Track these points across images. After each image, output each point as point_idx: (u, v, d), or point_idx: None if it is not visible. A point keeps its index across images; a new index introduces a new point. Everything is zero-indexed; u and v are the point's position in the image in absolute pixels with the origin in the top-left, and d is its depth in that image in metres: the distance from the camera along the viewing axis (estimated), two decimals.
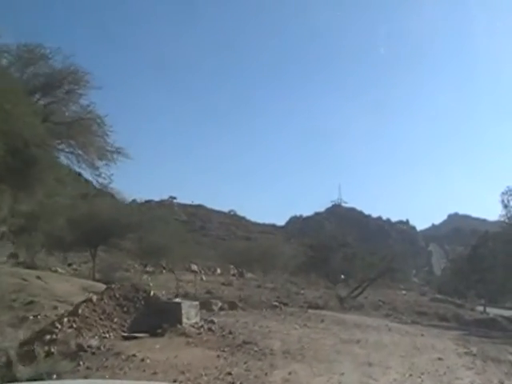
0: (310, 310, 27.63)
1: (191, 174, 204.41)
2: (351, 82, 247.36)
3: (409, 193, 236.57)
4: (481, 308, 40.66)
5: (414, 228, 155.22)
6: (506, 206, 39.97)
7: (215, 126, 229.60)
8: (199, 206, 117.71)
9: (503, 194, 40.03)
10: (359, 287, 39.77)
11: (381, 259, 40.85)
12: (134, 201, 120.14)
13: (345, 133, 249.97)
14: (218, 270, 50.52)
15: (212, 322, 16.97)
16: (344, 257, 38.82)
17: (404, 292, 50.90)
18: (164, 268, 48.97)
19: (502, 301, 46.31)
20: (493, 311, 37.94)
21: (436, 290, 53.24)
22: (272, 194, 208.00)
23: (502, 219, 41.33)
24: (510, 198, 39.75)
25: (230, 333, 15.75)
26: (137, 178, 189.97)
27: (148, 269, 41.90)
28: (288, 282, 45.12)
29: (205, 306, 21.97)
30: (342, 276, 39.95)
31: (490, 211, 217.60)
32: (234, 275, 48.88)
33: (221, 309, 24.34)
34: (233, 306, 25.36)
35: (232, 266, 50.66)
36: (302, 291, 41.81)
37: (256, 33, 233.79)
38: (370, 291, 42.02)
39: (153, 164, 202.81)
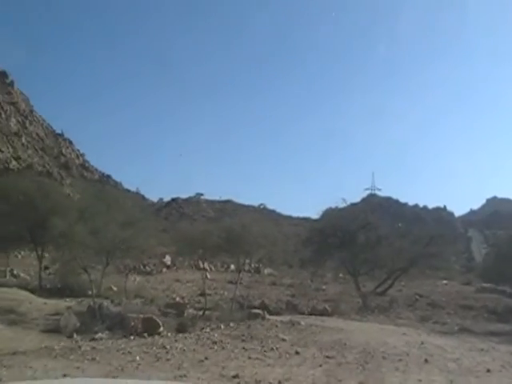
0: (307, 320, 20.41)
1: (219, 170, 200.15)
2: (379, 66, 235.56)
3: (445, 178, 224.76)
4: None
5: (451, 214, 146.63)
6: None
7: (240, 121, 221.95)
8: (227, 202, 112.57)
9: None
10: (388, 279, 32.26)
11: (413, 242, 32.93)
12: (161, 199, 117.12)
13: (375, 118, 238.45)
14: (232, 266, 43.84)
15: None
16: (366, 241, 30.96)
17: (445, 281, 43.13)
18: (168, 267, 43.52)
19: None
20: None
21: (479, 277, 45.53)
22: (305, 186, 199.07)
23: None
24: None
25: None
26: (164, 177, 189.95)
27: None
28: (312, 276, 37.83)
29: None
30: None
31: None
32: (249, 271, 43.25)
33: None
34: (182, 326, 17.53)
35: (247, 261, 44.45)
36: (324, 286, 35.94)
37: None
38: (404, 282, 35.74)
39: (179, 161, 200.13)
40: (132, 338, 14.78)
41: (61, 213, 23.09)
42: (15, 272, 33.25)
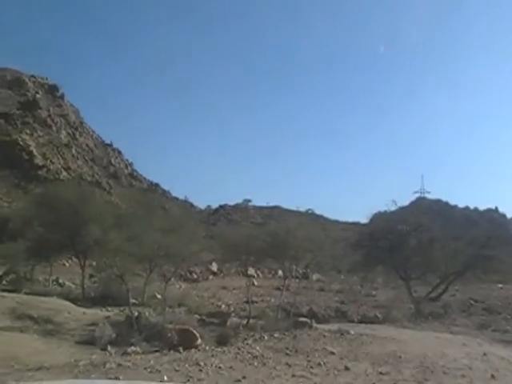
0: (357, 329, 19.00)
1: (267, 177, 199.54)
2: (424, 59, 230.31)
3: (495, 178, 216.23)
4: None
5: (503, 215, 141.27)
6: None
7: (288, 128, 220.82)
8: (275, 208, 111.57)
9: None
10: (441, 284, 30.50)
11: (468, 244, 30.98)
12: (208, 206, 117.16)
13: (422, 118, 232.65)
14: (280, 273, 42.74)
15: None
16: (418, 244, 29.32)
17: (500, 285, 40.96)
18: (214, 274, 42.82)
19: None
20: None
21: None
22: (353, 191, 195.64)
23: None
24: None
25: None
26: (212, 184, 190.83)
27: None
28: (362, 281, 36.49)
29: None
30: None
31: None
32: (296, 277, 42.08)
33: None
34: (223, 337, 16.21)
35: (294, 267, 43.54)
36: (374, 292, 34.06)
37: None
38: (458, 287, 33.83)
39: (228, 168, 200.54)
40: (166, 351, 13.71)
41: (98, 220, 22.46)
42: (60, 281, 32.99)
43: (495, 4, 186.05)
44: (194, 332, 14.80)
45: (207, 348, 14.34)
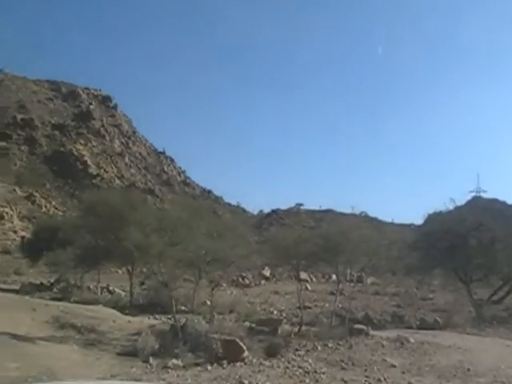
0: (417, 336, 17.42)
1: (319, 180, 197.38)
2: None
3: None
4: None
5: None
6: None
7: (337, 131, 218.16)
8: (328, 211, 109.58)
9: None
10: (504, 286, 28.49)
11: None
12: (261, 211, 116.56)
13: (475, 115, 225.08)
14: (334, 277, 41.20)
15: None
16: (479, 245, 27.31)
17: None
18: (267, 279, 41.72)
19: None
20: None
21: None
22: (407, 193, 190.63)
23: None
24: None
25: None
26: (265, 189, 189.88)
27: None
28: (418, 283, 34.78)
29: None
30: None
31: None
32: (351, 281, 40.56)
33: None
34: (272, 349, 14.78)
35: (348, 270, 42.07)
36: (431, 295, 33.58)
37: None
38: None
39: (279, 172, 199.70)
40: (209, 365, 12.53)
41: (139, 223, 21.60)
42: (111, 288, 32.54)
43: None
44: (240, 344, 13.53)
45: (254, 361, 13.08)
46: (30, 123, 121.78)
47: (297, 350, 15.35)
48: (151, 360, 13.87)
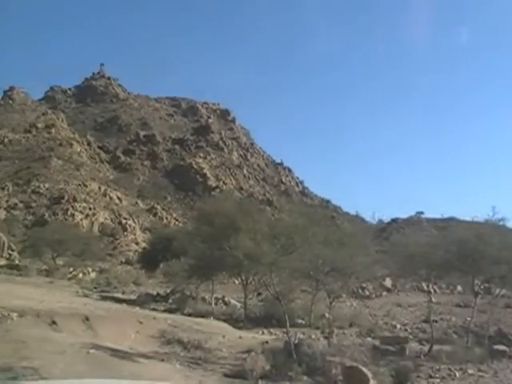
0: None
1: (440, 187, 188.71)
2: None
3: None
4: None
5: None
6: None
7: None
8: (450, 219, 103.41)
9: None
10: None
11: None
12: (380, 221, 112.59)
13: None
14: (459, 288, 38.02)
15: None
16: None
17: None
18: (388, 290, 38.98)
19: None
20: None
21: None
22: None
23: None
24: None
25: None
26: (384, 198, 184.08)
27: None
28: None
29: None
30: None
31: None
32: (477, 293, 36.84)
33: None
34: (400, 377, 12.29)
35: (476, 282, 38.60)
36: None
37: None
38: None
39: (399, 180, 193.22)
40: None
41: (250, 230, 19.99)
42: (226, 299, 31.46)
43: None
44: (364, 371, 11.30)
45: None
46: (151, 139, 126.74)
47: (430, 376, 13.01)
48: (260, 383, 12.12)
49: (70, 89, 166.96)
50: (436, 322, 23.65)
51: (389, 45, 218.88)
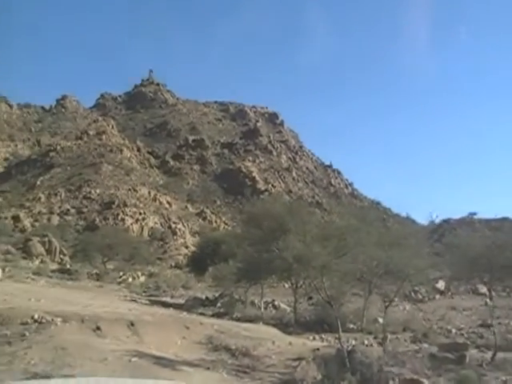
0: None
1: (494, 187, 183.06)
2: None
3: None
4: None
5: None
6: None
7: None
8: (505, 219, 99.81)
9: None
10: None
11: None
12: (431, 222, 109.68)
13: None
14: None
15: None
16: None
17: None
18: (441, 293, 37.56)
19: None
20: None
21: None
22: None
23: None
24: None
25: None
26: (436, 198, 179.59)
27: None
28: None
29: None
30: None
31: None
32: None
33: None
34: None
35: None
36: None
37: None
38: None
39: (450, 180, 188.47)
40: None
41: (300, 231, 19.16)
42: (276, 303, 30.72)
43: None
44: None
45: None
46: (200, 143, 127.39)
47: None
48: None
49: (120, 96, 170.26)
50: (492, 325, 22.45)
51: None
